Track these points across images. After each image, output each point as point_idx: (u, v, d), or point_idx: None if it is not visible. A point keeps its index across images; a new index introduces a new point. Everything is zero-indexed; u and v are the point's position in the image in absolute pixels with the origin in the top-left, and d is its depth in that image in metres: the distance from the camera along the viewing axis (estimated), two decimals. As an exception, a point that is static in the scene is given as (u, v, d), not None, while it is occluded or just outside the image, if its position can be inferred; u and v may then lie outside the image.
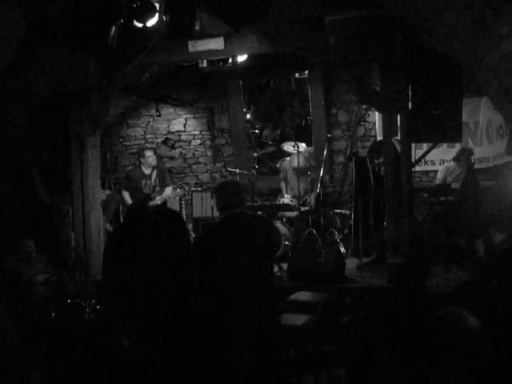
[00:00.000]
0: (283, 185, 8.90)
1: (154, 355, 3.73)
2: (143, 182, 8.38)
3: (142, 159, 8.44)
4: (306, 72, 9.80)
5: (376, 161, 7.91)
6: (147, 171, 8.40)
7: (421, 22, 5.29)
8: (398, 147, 6.82)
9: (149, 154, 8.46)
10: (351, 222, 8.10)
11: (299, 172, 8.45)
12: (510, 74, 4.80)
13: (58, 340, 4.19)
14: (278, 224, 8.10)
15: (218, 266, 3.99)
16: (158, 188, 8.44)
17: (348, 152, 9.17)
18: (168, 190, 8.48)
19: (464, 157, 8.50)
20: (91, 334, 4.34)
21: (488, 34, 4.66)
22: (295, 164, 8.57)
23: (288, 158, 9.05)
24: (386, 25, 5.91)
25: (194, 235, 8.84)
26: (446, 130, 6.30)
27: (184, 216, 8.80)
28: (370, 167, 7.70)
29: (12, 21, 5.74)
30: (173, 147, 9.77)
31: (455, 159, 8.72)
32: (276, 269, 6.96)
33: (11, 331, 2.84)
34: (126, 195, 8.29)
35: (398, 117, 6.69)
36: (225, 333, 3.76)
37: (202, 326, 3.68)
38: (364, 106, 9.32)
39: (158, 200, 8.28)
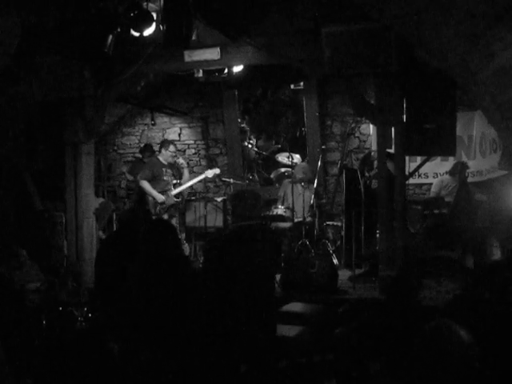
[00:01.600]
0: (279, 201, 8.89)
1: (146, 364, 3.71)
2: (163, 169, 8.37)
3: (163, 150, 8.45)
4: (301, 83, 9.83)
5: (367, 174, 7.92)
6: (165, 162, 8.42)
7: (416, 36, 5.34)
8: (390, 165, 6.85)
9: (173, 148, 8.49)
10: (343, 233, 8.11)
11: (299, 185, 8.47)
12: (502, 89, 4.84)
13: (49, 348, 4.17)
14: (271, 235, 8.11)
15: (231, 276, 3.99)
16: (177, 179, 8.49)
17: (339, 164, 9.20)
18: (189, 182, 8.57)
19: (458, 170, 8.53)
20: (83, 342, 4.32)
21: (481, 50, 4.71)
22: (295, 180, 8.57)
23: (288, 180, 9.02)
24: (381, 38, 5.94)
25: (186, 245, 8.82)
26: (440, 143, 6.33)
27: (177, 225, 8.76)
28: (361, 180, 7.73)
29: (8, 27, 5.75)
30: (151, 155, 9.71)
31: (451, 173, 8.75)
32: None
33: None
34: (146, 184, 8.24)
35: (393, 129, 6.72)
36: (219, 341, 3.76)
37: (196, 334, 3.68)
38: (357, 119, 9.37)
39: (191, 182, 8.49)
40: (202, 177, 8.69)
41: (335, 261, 7.85)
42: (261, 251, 4.22)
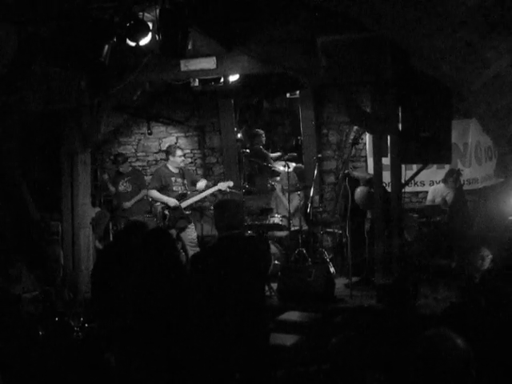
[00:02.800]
0: (274, 211, 8.89)
1: (141, 374, 3.71)
2: (173, 179, 8.28)
3: (170, 157, 8.35)
4: (298, 92, 9.86)
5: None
6: (174, 170, 8.35)
7: (411, 45, 5.36)
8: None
9: (179, 153, 8.38)
10: (344, 240, 8.10)
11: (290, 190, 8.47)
12: (497, 97, 4.86)
13: (45, 358, 4.15)
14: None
15: (213, 287, 3.94)
16: (187, 190, 8.39)
17: (341, 173, 9.19)
18: (201, 185, 8.42)
19: (452, 178, 8.55)
20: (79, 353, 4.31)
21: (476, 58, 4.73)
22: (284, 184, 8.59)
23: (277, 187, 9.05)
24: (376, 47, 5.98)
25: (183, 254, 8.80)
26: (436, 151, 6.36)
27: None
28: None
29: (5, 37, 5.77)
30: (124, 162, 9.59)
31: (443, 180, 8.78)
32: (266, 288, 6.95)
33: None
34: (155, 193, 8.19)
35: (389, 138, 6.74)
36: (214, 351, 3.75)
37: (191, 344, 3.67)
38: (355, 128, 9.38)
39: (202, 194, 8.33)
40: (214, 189, 8.52)
41: (332, 269, 7.85)
42: (249, 259, 4.18)
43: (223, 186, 8.53)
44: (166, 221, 8.17)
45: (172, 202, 8.13)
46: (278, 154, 10.60)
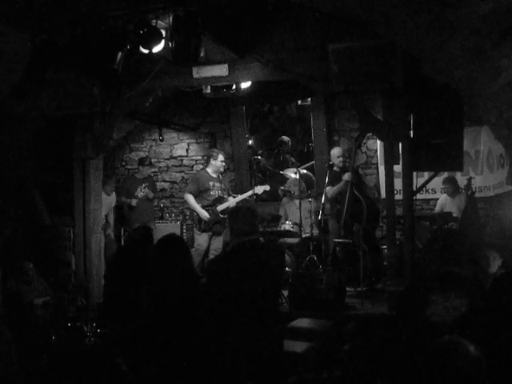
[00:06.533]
0: (282, 219, 8.88)
1: (153, 379, 3.72)
2: (211, 183, 8.26)
3: (211, 160, 8.35)
4: (309, 99, 9.86)
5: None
6: (213, 175, 8.32)
7: (422, 52, 5.37)
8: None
9: (221, 157, 8.36)
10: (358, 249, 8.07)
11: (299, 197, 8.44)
12: (509, 105, 4.86)
13: (58, 363, 4.18)
14: (279, 250, 8.10)
15: (227, 293, 3.95)
16: (224, 195, 8.36)
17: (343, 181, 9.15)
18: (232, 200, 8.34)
19: (448, 185, 8.61)
20: (91, 358, 4.32)
21: (488, 66, 4.74)
22: (296, 191, 8.58)
23: (286, 198, 9.04)
24: (388, 54, 5.97)
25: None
26: (447, 158, 6.33)
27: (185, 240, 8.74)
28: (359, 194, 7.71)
29: (19, 44, 5.83)
30: (149, 164, 9.64)
31: (444, 191, 8.81)
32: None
33: (13, 353, 2.85)
34: (191, 199, 8.19)
35: (400, 145, 6.73)
36: (227, 358, 3.75)
37: (204, 350, 3.68)
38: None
39: (239, 198, 8.27)
40: (249, 193, 8.46)
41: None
42: (264, 266, 4.18)
43: (259, 189, 8.48)
44: (201, 224, 8.16)
45: (203, 215, 8.12)
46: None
